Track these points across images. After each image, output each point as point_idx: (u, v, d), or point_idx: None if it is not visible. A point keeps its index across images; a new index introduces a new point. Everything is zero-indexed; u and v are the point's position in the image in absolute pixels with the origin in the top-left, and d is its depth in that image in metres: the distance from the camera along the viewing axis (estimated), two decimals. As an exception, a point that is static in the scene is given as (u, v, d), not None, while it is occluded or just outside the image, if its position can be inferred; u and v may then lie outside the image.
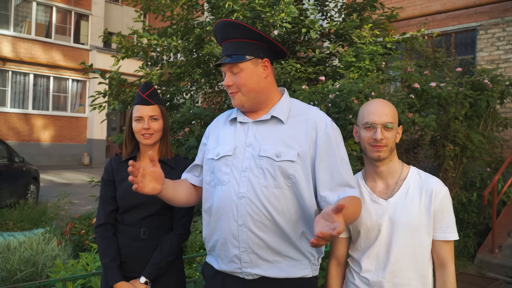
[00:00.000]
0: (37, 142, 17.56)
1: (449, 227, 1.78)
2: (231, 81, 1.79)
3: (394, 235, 1.77)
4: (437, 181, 1.82)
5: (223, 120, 1.97)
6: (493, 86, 5.75)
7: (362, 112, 1.85)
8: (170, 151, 2.23)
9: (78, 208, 8.52)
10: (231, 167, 1.76)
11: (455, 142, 5.43)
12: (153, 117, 2.13)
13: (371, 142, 1.79)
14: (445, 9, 9.10)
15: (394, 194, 1.81)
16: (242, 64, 1.78)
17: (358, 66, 4.98)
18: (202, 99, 7.31)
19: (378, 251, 1.80)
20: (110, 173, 2.18)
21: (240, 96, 1.80)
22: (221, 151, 1.81)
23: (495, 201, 6.07)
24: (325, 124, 1.76)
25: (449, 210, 1.79)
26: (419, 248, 1.77)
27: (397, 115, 1.85)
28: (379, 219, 1.80)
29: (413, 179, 1.83)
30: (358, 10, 6.12)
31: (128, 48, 5.86)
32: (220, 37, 1.86)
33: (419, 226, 1.76)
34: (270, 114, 1.80)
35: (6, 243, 4.80)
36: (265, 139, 1.76)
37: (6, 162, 9.01)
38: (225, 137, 1.87)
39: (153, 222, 2.11)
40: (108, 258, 2.06)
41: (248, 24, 1.83)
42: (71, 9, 18.69)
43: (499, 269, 5.70)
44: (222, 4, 5.15)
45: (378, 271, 1.79)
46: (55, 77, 18.22)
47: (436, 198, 1.77)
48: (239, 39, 1.80)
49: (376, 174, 1.87)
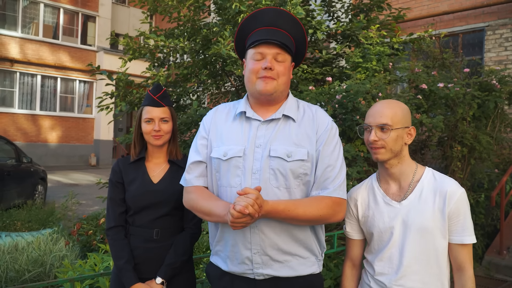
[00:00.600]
0: (45, 143, 17.67)
1: (465, 230, 1.72)
2: (273, 66, 1.73)
3: (407, 238, 1.74)
4: (453, 182, 1.76)
5: (224, 114, 1.89)
6: (501, 87, 5.72)
7: (366, 114, 1.85)
8: (179, 152, 2.24)
9: (85, 209, 8.56)
10: (242, 169, 1.72)
11: (462, 143, 5.40)
12: (163, 119, 2.14)
13: (369, 144, 1.80)
14: (452, 9, 9.06)
15: (407, 196, 1.78)
16: (288, 55, 1.78)
17: (365, 66, 4.96)
18: (208, 100, 7.32)
19: (391, 254, 1.78)
20: (118, 174, 2.18)
21: (275, 84, 1.75)
22: (229, 151, 1.75)
23: (503, 203, 6.02)
24: (327, 123, 1.80)
25: (465, 213, 1.73)
26: (433, 251, 1.73)
27: (403, 115, 1.79)
28: (391, 222, 1.77)
29: (428, 181, 1.79)
30: (365, 11, 6.09)
31: (135, 50, 5.87)
32: (269, 21, 1.77)
33: (433, 229, 1.72)
34: (281, 112, 1.79)
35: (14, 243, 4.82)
36: (275, 139, 1.74)
37: (14, 162, 9.06)
38: (231, 134, 1.80)
39: (165, 223, 2.11)
40: (122, 260, 2.06)
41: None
42: (78, 11, 18.79)
43: (507, 271, 5.66)
44: (229, 5, 5.15)
45: (391, 274, 1.76)
46: (62, 78, 18.32)
47: (450, 200, 1.72)
48: (290, 35, 1.79)
49: (388, 176, 1.84)
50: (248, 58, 1.80)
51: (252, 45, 1.77)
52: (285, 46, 1.74)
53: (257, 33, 1.78)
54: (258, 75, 1.75)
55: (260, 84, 1.74)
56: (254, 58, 1.76)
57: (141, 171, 2.17)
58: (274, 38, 1.73)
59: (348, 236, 1.97)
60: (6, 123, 16.58)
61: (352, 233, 1.95)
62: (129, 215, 2.15)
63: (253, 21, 1.80)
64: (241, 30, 1.85)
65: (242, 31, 1.86)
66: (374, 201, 1.85)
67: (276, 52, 1.74)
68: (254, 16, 1.80)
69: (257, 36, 1.76)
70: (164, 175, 2.17)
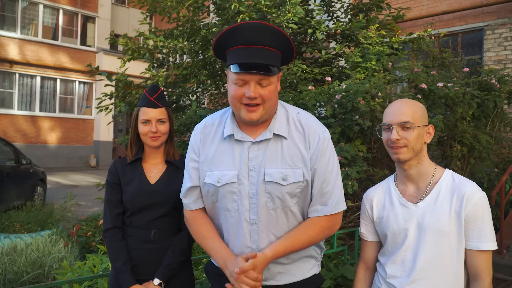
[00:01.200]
0: (44, 144, 17.66)
1: (482, 236, 1.63)
2: (257, 93, 1.60)
3: (421, 241, 1.67)
4: (472, 185, 1.68)
5: (211, 133, 1.79)
6: (501, 86, 5.71)
7: (383, 114, 1.80)
8: (176, 152, 2.23)
9: (84, 210, 8.55)
10: (238, 194, 1.69)
11: (462, 142, 5.39)
12: (160, 120, 2.13)
13: (389, 144, 1.73)
14: (452, 9, 9.06)
15: (424, 198, 1.72)
16: (274, 77, 1.64)
17: (365, 66, 4.95)
18: (208, 100, 7.31)
19: (404, 257, 1.72)
20: (115, 175, 2.16)
21: (261, 110, 1.63)
22: (223, 178, 1.69)
23: (503, 202, 6.02)
24: (319, 136, 1.72)
25: (484, 217, 1.64)
26: (449, 256, 1.65)
27: (422, 114, 1.74)
28: (406, 224, 1.72)
29: (446, 183, 1.72)
30: (365, 11, 6.09)
31: (135, 50, 5.87)
32: (247, 39, 1.59)
33: (449, 232, 1.65)
34: (271, 131, 1.69)
35: (13, 245, 4.82)
36: (268, 161, 1.67)
37: (14, 164, 9.05)
38: (221, 158, 1.73)
39: (163, 224, 2.10)
40: (120, 262, 2.04)
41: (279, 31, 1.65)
42: (78, 12, 18.78)
43: (507, 270, 5.65)
44: (228, 6, 5.14)
45: (403, 278, 1.71)
46: (62, 79, 18.32)
47: (468, 203, 1.64)
48: (273, 48, 1.62)
49: (405, 177, 1.79)
50: (230, 79, 1.66)
51: (232, 69, 1.62)
52: (270, 67, 1.59)
53: (237, 51, 1.60)
54: (241, 101, 1.63)
55: (244, 112, 1.64)
56: (235, 82, 1.62)
57: (138, 172, 2.16)
58: (256, 60, 1.57)
59: (363, 238, 1.92)
60: (5, 125, 16.57)
61: (367, 234, 1.90)
62: (127, 216, 2.13)
63: (232, 36, 1.62)
64: (219, 42, 1.67)
65: (220, 43, 1.68)
66: (390, 202, 1.80)
67: (259, 78, 1.59)
68: (233, 30, 1.61)
69: (237, 56, 1.60)
70: (161, 175, 2.15)
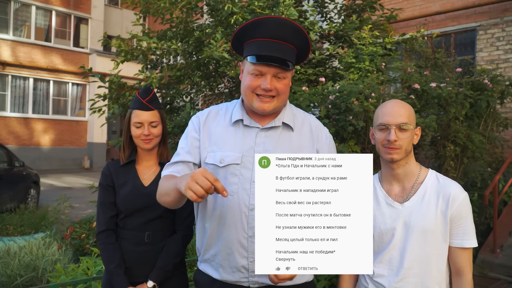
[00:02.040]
0: (37, 146, 17.56)
1: (466, 234, 1.71)
2: (273, 85, 1.65)
3: (408, 240, 1.71)
4: (456, 185, 1.75)
5: (216, 117, 1.80)
6: (493, 86, 5.74)
7: (377, 113, 1.81)
8: (170, 154, 2.22)
9: (78, 212, 8.52)
10: (239, 176, 1.67)
11: (455, 142, 5.42)
12: (153, 123, 2.11)
13: (385, 144, 1.75)
14: (444, 9, 9.10)
15: (410, 198, 1.76)
16: (289, 72, 1.70)
17: (358, 67, 4.96)
18: (202, 101, 7.30)
19: (391, 256, 1.75)
20: (109, 178, 2.15)
21: (275, 103, 1.68)
22: (226, 158, 1.69)
23: (496, 201, 6.06)
24: (326, 134, 1.81)
25: (468, 216, 1.72)
26: (434, 254, 1.71)
27: (414, 116, 1.79)
28: (393, 223, 1.75)
29: (431, 183, 1.76)
30: (358, 12, 6.11)
31: (128, 52, 5.85)
32: (270, 33, 1.64)
33: (435, 231, 1.70)
34: (281, 120, 1.74)
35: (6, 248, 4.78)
36: (275, 148, 1.70)
37: (6, 166, 9.00)
38: (227, 140, 1.73)
39: (156, 226, 2.09)
40: (113, 265, 2.04)
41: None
42: (71, 13, 18.71)
43: (500, 269, 5.68)
44: (221, 7, 5.14)
45: (391, 276, 1.74)
46: (55, 81, 18.24)
47: (453, 203, 1.70)
48: (292, 45, 1.68)
49: (392, 176, 1.81)
50: (246, 70, 1.71)
51: (251, 60, 1.67)
52: (286, 64, 1.65)
53: (257, 43, 1.66)
54: (256, 91, 1.68)
55: (257, 102, 1.68)
56: (252, 73, 1.67)
57: (132, 174, 2.15)
58: (276, 54, 1.62)
59: None
60: (-2, 127, 16.49)
61: None
62: (120, 218, 2.13)
63: (256, 28, 1.67)
64: (241, 32, 1.71)
65: (241, 33, 1.72)
66: (376, 202, 1.81)
67: (276, 71, 1.65)
68: (255, 23, 1.66)
69: (257, 48, 1.65)
70: (155, 177, 2.15)
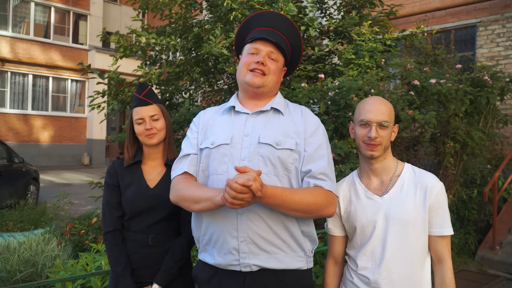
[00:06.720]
0: (37, 143, 17.54)
1: (444, 222, 1.78)
2: (266, 62, 1.81)
3: (389, 232, 1.77)
4: (432, 176, 1.82)
5: (213, 111, 1.95)
6: (493, 82, 5.75)
7: (359, 109, 1.86)
8: (174, 151, 2.19)
9: (78, 208, 8.52)
10: (229, 156, 1.74)
11: (455, 139, 5.42)
12: (154, 117, 2.10)
13: (366, 140, 1.81)
14: (444, 5, 9.09)
15: (389, 190, 1.82)
16: (281, 57, 1.87)
17: (358, 63, 4.95)
18: (201, 98, 7.29)
19: (373, 247, 1.80)
20: (115, 177, 2.13)
21: (264, 79, 1.82)
22: (217, 140, 1.78)
23: (496, 198, 6.06)
24: (316, 120, 1.85)
25: (444, 205, 1.79)
26: (414, 244, 1.77)
27: (394, 114, 1.85)
28: (374, 216, 1.80)
29: (408, 176, 1.83)
30: (357, 8, 6.09)
31: (127, 48, 5.83)
32: (268, 22, 1.88)
33: (415, 222, 1.77)
34: (270, 105, 1.84)
35: (6, 244, 4.79)
36: (264, 129, 1.77)
37: (6, 163, 9.00)
38: (220, 126, 1.85)
39: (161, 228, 2.07)
40: (120, 267, 2.02)
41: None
42: (70, 9, 18.65)
43: (499, 266, 5.69)
44: (220, 3, 5.12)
45: (374, 268, 1.78)
46: (54, 78, 18.20)
47: (431, 193, 1.76)
48: (286, 38, 1.89)
49: (370, 171, 1.87)
50: (244, 53, 1.89)
51: (249, 41, 1.87)
52: (280, 46, 1.83)
53: (255, 31, 1.88)
54: (249, 67, 1.82)
55: (249, 76, 1.82)
56: (249, 52, 1.85)
57: (137, 175, 2.12)
58: (272, 38, 1.81)
59: (330, 233, 1.99)
60: (-3, 123, 16.48)
61: (334, 229, 1.97)
62: (125, 220, 2.10)
63: (254, 21, 1.92)
64: (242, 29, 1.96)
65: (243, 30, 1.96)
66: (356, 196, 1.87)
67: (270, 50, 1.83)
68: (256, 16, 1.93)
69: (255, 34, 1.87)
70: (160, 179, 2.11)
